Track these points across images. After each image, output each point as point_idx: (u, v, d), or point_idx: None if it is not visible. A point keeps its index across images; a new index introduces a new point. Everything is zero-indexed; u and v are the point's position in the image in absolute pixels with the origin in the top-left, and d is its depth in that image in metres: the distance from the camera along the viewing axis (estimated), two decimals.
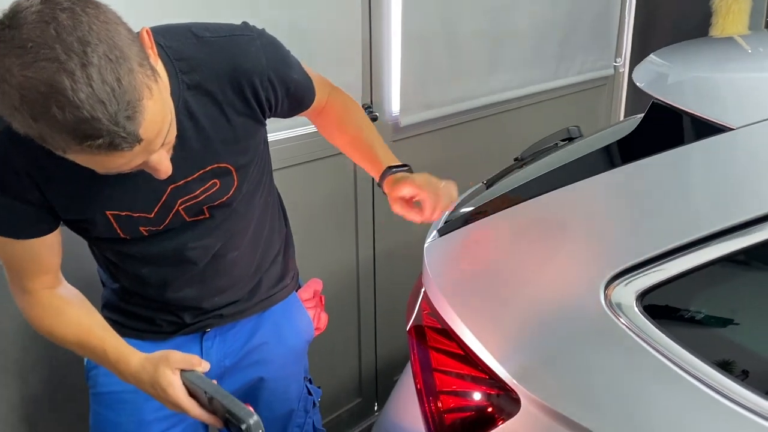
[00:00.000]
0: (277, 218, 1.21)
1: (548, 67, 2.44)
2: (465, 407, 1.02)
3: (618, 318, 0.87)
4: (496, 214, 1.11)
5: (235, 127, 0.98)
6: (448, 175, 2.13)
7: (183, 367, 0.93)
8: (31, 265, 0.97)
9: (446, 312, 1.06)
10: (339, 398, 2.11)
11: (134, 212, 0.96)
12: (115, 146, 0.71)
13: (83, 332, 0.98)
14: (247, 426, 0.86)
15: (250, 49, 0.95)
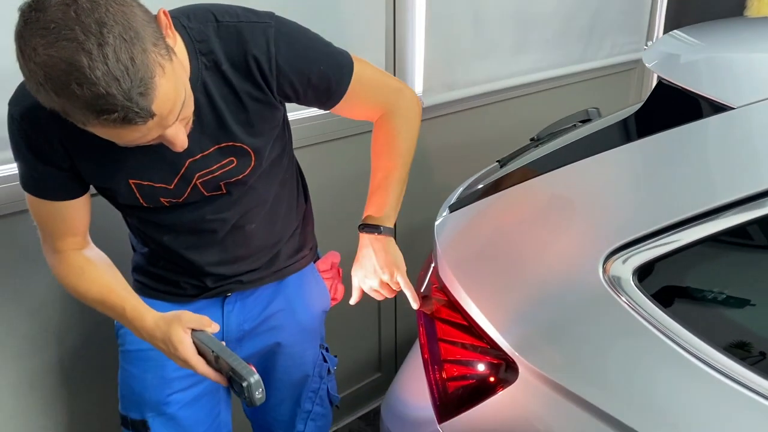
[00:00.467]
0: (295, 195, 1.25)
1: (576, 49, 2.42)
2: (467, 375, 1.06)
3: (615, 292, 0.89)
4: (504, 192, 1.14)
5: (248, 110, 1.02)
6: (468, 156, 2.16)
7: (194, 326, 1.00)
8: (60, 225, 1.04)
9: (452, 284, 1.09)
10: (359, 372, 2.17)
11: (155, 183, 1.02)
12: (129, 120, 0.77)
13: (105, 291, 1.05)
14: (248, 383, 0.91)
15: (261, 38, 0.98)
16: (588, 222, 0.98)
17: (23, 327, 1.37)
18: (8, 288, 1.32)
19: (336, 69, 1.08)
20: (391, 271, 1.20)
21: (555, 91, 2.41)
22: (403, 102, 1.20)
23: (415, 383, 1.19)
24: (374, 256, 1.21)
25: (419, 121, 1.24)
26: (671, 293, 0.90)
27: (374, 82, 1.16)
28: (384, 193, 1.20)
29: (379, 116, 1.20)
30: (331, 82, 1.08)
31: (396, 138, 1.20)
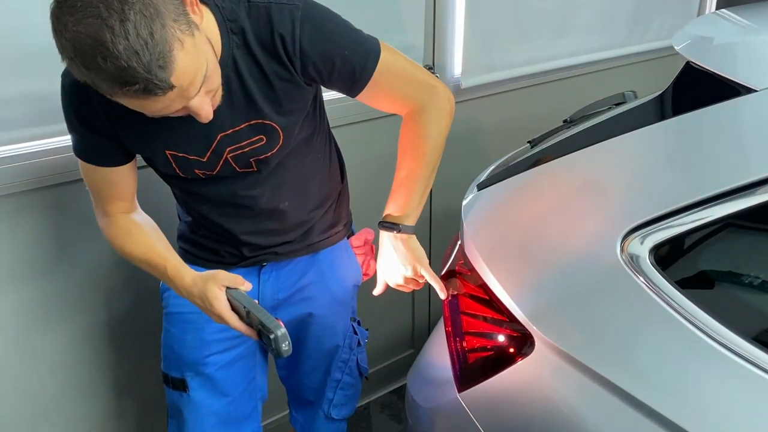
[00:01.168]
0: (328, 174, 1.29)
1: (620, 32, 2.39)
2: (487, 347, 1.10)
3: (631, 269, 0.91)
4: (529, 171, 1.16)
5: (276, 89, 1.06)
6: (504, 139, 2.17)
7: (228, 285, 1.06)
8: (109, 190, 1.12)
9: (475, 259, 1.13)
10: (392, 348, 2.22)
11: (189, 155, 1.08)
12: (149, 91, 0.83)
13: (149, 251, 1.13)
14: (275, 336, 0.97)
15: (288, 19, 1.02)
16: (609, 200, 0.99)
17: (78, 287, 1.47)
18: (65, 251, 1.42)
19: (361, 55, 1.09)
20: (414, 267, 1.23)
21: (597, 75, 2.38)
22: (435, 99, 1.18)
23: (438, 356, 1.24)
24: (395, 253, 1.24)
25: (450, 119, 1.21)
26: (687, 272, 0.91)
27: (403, 74, 1.15)
28: (405, 192, 1.21)
29: (408, 111, 1.19)
30: (356, 67, 1.08)
31: (423, 137, 1.19)
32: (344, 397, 1.46)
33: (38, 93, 1.26)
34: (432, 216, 2.12)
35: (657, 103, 1.08)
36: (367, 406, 2.19)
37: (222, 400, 1.29)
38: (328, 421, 1.48)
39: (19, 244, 1.36)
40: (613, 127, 1.12)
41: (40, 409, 1.50)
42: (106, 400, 1.61)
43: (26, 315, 1.41)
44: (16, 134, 1.27)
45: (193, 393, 1.27)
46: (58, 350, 1.48)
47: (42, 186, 1.33)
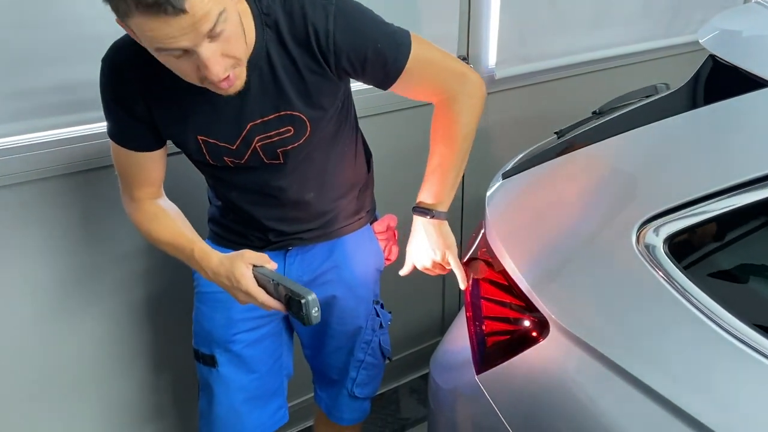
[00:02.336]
0: (354, 165, 1.33)
1: (661, 22, 2.35)
2: (504, 331, 1.12)
3: (645, 258, 0.92)
4: (553, 160, 1.18)
5: (307, 82, 1.10)
6: (538, 130, 2.16)
7: (255, 262, 1.10)
8: (139, 175, 1.17)
9: (496, 246, 1.16)
10: (422, 334, 2.26)
11: (220, 141, 1.13)
12: (161, 7, 0.83)
13: (176, 235, 1.18)
14: (306, 301, 1.00)
15: (322, 15, 1.05)
16: (627, 190, 1.01)
17: (116, 269, 1.55)
18: (102, 234, 1.49)
19: (393, 47, 1.11)
20: (443, 252, 1.27)
21: (635, 66, 2.35)
22: (466, 87, 1.20)
23: (459, 340, 1.27)
24: (426, 237, 1.28)
25: (482, 107, 1.24)
26: (702, 263, 0.92)
27: (435, 64, 1.18)
28: (439, 179, 1.25)
29: (440, 99, 1.22)
30: (388, 59, 1.11)
31: (455, 124, 1.21)
32: (367, 376, 1.51)
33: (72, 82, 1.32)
34: (464, 205, 2.15)
35: (678, 96, 1.09)
36: (396, 390, 2.23)
37: (250, 376, 1.35)
38: (352, 399, 1.52)
39: (61, 225, 1.43)
40: (635, 118, 1.12)
41: (76, 383, 1.59)
42: (141, 375, 1.69)
43: (65, 292, 1.49)
44: (53, 121, 1.34)
45: (222, 369, 1.33)
46: (94, 327, 1.56)
47: (82, 170, 1.40)
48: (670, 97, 1.12)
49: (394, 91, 1.19)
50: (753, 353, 0.81)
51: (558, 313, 1.00)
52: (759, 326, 0.82)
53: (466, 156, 1.25)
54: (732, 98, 0.92)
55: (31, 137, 1.33)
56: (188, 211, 1.26)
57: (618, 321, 0.94)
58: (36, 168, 1.35)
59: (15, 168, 1.32)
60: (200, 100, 1.07)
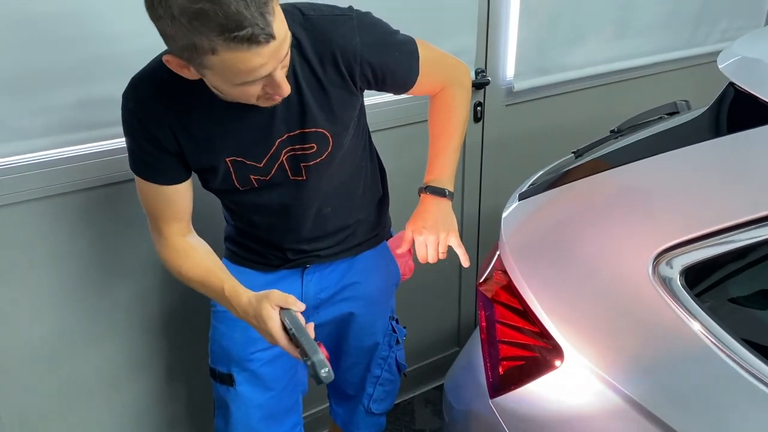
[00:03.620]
0: (371, 181, 1.34)
1: (683, 33, 2.32)
2: (519, 357, 1.12)
3: (662, 290, 0.92)
4: (571, 184, 1.17)
5: (330, 98, 1.11)
6: (556, 144, 2.15)
7: (281, 304, 1.09)
8: (167, 210, 1.16)
9: (512, 270, 1.15)
10: (438, 345, 2.26)
11: (248, 160, 1.13)
12: (255, 38, 0.85)
13: (205, 273, 1.17)
14: (312, 362, 1.01)
15: (345, 29, 1.08)
16: (645, 219, 1.00)
17: (133, 283, 1.56)
18: (118, 247, 1.51)
19: (408, 55, 1.18)
20: (447, 230, 1.28)
21: (659, 77, 2.32)
22: (459, 77, 1.32)
23: (473, 361, 1.27)
24: (438, 214, 1.29)
25: (470, 92, 1.37)
26: (720, 297, 0.91)
27: (436, 62, 1.26)
28: (445, 160, 1.31)
29: (438, 91, 1.31)
30: (405, 67, 1.18)
31: (455, 110, 1.31)
32: (383, 392, 1.51)
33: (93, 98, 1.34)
34: (480, 220, 2.14)
35: (699, 122, 1.08)
36: (411, 401, 2.24)
37: (266, 394, 1.36)
38: (368, 415, 1.53)
39: (78, 240, 1.45)
40: (654, 144, 1.11)
41: (91, 393, 1.60)
42: (156, 386, 1.71)
43: (82, 304, 1.51)
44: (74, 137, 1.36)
45: (239, 387, 1.34)
46: (111, 337, 1.58)
47: (100, 185, 1.41)
48: (691, 123, 1.10)
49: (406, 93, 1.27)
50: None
51: (573, 343, 0.99)
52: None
53: (463, 137, 1.35)
54: (754, 129, 0.90)
55: (52, 153, 1.35)
56: (205, 229, 1.27)
57: (634, 353, 0.93)
58: (54, 183, 1.37)
59: (35, 183, 1.35)
60: (227, 123, 1.08)
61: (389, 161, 1.44)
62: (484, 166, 2.06)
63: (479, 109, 1.96)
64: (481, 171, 2.06)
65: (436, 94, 1.32)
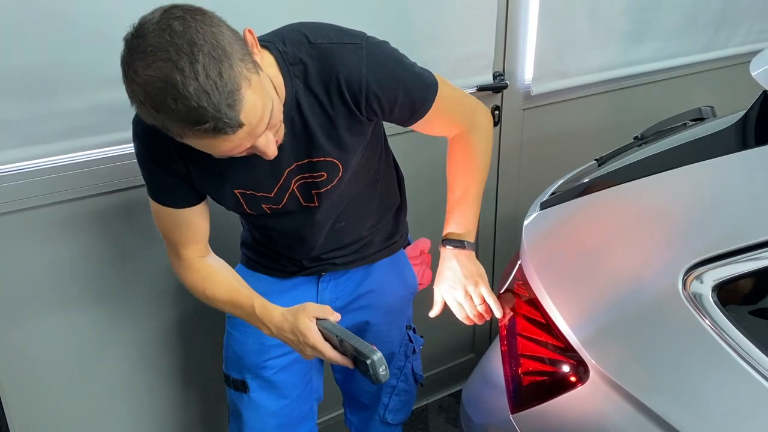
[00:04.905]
0: (387, 191, 1.31)
1: (704, 36, 2.28)
2: (541, 371, 1.09)
3: (692, 306, 0.89)
4: (595, 194, 1.14)
5: (337, 126, 1.08)
6: (575, 149, 2.11)
7: (318, 315, 1.07)
8: (185, 233, 1.14)
9: (534, 282, 1.12)
10: (453, 352, 2.23)
11: (257, 192, 1.11)
12: (219, 130, 0.84)
13: (233, 292, 1.15)
14: (372, 361, 0.97)
15: (352, 59, 1.02)
16: (674, 233, 0.97)
17: (146, 291, 1.54)
18: (132, 254, 1.49)
19: (422, 88, 1.12)
20: (476, 282, 1.24)
21: (679, 81, 2.29)
22: (480, 119, 1.25)
23: (493, 373, 1.24)
24: (459, 268, 1.25)
25: (492, 137, 1.29)
26: (752, 313, 0.88)
27: (454, 101, 1.20)
28: (465, 210, 1.27)
29: (456, 134, 1.25)
30: (416, 101, 1.12)
31: (474, 155, 1.25)
32: (399, 402, 1.49)
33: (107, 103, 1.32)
34: (497, 227, 2.11)
35: (731, 133, 1.04)
36: (425, 408, 2.21)
37: (281, 401, 1.34)
38: (384, 425, 1.51)
39: (95, 244, 1.44)
40: (681, 154, 1.08)
41: (107, 397, 1.59)
42: (171, 392, 1.70)
43: (97, 310, 1.49)
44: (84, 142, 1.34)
45: (253, 394, 1.32)
46: (126, 344, 1.57)
47: (112, 190, 1.40)
48: (722, 133, 1.07)
49: (413, 128, 1.20)
50: None
51: (599, 359, 0.96)
52: None
53: (484, 186, 1.29)
54: None
55: (66, 158, 1.33)
56: (221, 234, 1.26)
57: (665, 373, 0.90)
58: (68, 188, 1.35)
59: (49, 188, 1.33)
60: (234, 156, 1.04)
61: (406, 166, 1.41)
62: (500, 171, 2.03)
63: (497, 113, 1.93)
64: (498, 176, 2.03)
65: (453, 138, 1.26)
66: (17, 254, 1.37)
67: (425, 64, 1.40)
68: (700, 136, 1.15)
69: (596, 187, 1.17)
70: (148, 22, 0.83)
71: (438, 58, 1.73)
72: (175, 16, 0.83)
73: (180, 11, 0.84)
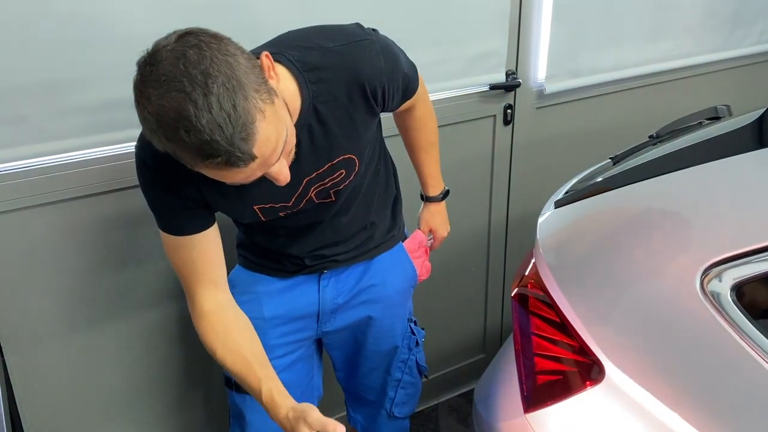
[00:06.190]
0: (386, 183, 1.32)
1: (719, 35, 2.26)
2: (556, 371, 1.08)
3: (710, 305, 0.88)
4: (610, 193, 1.13)
5: (357, 123, 1.08)
6: (588, 148, 2.10)
7: (319, 429, 1.01)
8: (199, 264, 1.09)
9: (549, 281, 1.12)
10: (463, 351, 2.22)
11: (276, 203, 1.11)
12: (232, 163, 0.82)
13: (244, 367, 1.09)
14: None
15: (371, 54, 1.03)
16: (691, 231, 0.96)
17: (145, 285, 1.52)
18: (134, 250, 1.48)
19: (413, 73, 1.18)
20: (447, 230, 1.51)
21: (693, 80, 2.27)
22: (422, 89, 1.30)
23: (507, 371, 1.23)
24: (443, 216, 1.50)
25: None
26: None
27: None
28: (436, 169, 1.45)
29: (411, 105, 1.29)
30: (410, 85, 1.18)
31: (431, 121, 1.37)
32: (405, 395, 1.48)
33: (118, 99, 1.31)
34: (509, 225, 2.10)
35: (748, 131, 1.03)
36: (435, 408, 2.20)
37: None
38: (391, 419, 1.50)
39: (91, 243, 1.42)
40: (697, 153, 1.07)
41: (108, 401, 1.58)
42: (174, 392, 1.68)
43: (95, 311, 1.48)
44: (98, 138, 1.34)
45: None
46: (126, 344, 1.55)
47: (127, 186, 1.39)
48: (742, 131, 1.06)
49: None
50: None
51: (614, 358, 0.96)
52: None
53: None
54: None
55: (84, 153, 1.33)
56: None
57: (679, 370, 0.89)
58: (84, 184, 1.35)
59: (66, 184, 1.33)
60: None
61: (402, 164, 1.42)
62: (513, 170, 2.02)
63: (509, 112, 1.92)
64: (510, 175, 2.03)
65: (406, 109, 1.30)
66: (34, 251, 1.36)
67: (438, 62, 1.42)
68: (716, 134, 1.14)
69: (611, 186, 1.16)
70: (162, 48, 0.81)
71: (450, 57, 1.73)
72: (191, 44, 0.80)
73: (195, 39, 0.81)
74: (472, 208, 2.00)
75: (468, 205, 1.99)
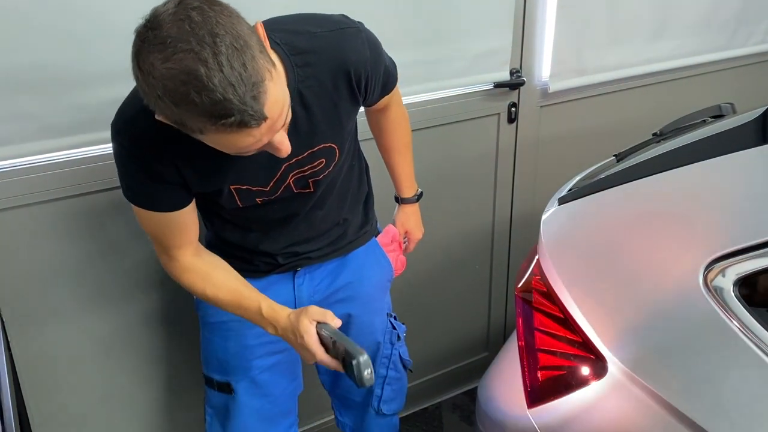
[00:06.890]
0: (359, 178, 1.32)
1: (723, 34, 2.26)
2: (559, 366, 1.09)
3: (713, 300, 0.88)
4: (614, 189, 1.14)
5: (340, 111, 1.08)
6: (592, 146, 2.10)
7: (319, 319, 1.06)
8: (177, 235, 1.10)
9: (552, 277, 1.12)
10: (467, 350, 2.23)
11: (253, 187, 1.10)
12: (245, 123, 0.80)
13: (235, 295, 1.13)
14: (357, 361, 0.98)
15: (357, 42, 1.04)
16: (694, 227, 0.96)
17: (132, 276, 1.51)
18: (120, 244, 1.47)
19: (393, 67, 1.20)
20: (422, 232, 1.52)
21: (698, 79, 2.26)
22: (396, 90, 1.29)
23: (510, 368, 1.23)
24: (417, 218, 1.50)
25: None
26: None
27: None
28: (410, 171, 1.45)
29: (386, 106, 1.30)
30: (390, 76, 1.19)
31: (405, 123, 1.39)
32: (392, 391, 1.48)
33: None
34: (513, 223, 2.10)
35: (751, 128, 1.03)
36: (438, 406, 2.21)
37: (265, 399, 1.33)
38: (380, 417, 1.49)
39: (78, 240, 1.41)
40: (701, 149, 1.07)
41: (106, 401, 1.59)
42: (167, 394, 1.68)
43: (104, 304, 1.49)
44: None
45: (238, 395, 1.30)
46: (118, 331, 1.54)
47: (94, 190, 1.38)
48: (745, 127, 1.06)
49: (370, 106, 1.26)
50: None
51: (617, 353, 0.96)
52: None
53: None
54: None
55: (87, 150, 1.34)
56: None
57: (682, 366, 0.90)
58: (87, 181, 1.36)
59: (69, 181, 1.34)
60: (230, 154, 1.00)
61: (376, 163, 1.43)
62: (517, 167, 2.02)
63: (513, 110, 1.93)
64: (514, 173, 2.03)
65: (385, 109, 1.32)
66: (41, 247, 1.37)
67: (442, 60, 1.41)
68: (719, 131, 1.14)
69: (614, 182, 1.16)
70: (163, 13, 0.79)
71: (455, 54, 1.73)
72: (192, 7, 0.79)
73: (196, 1, 0.79)
74: (476, 206, 2.01)
75: (472, 203, 1.99)
